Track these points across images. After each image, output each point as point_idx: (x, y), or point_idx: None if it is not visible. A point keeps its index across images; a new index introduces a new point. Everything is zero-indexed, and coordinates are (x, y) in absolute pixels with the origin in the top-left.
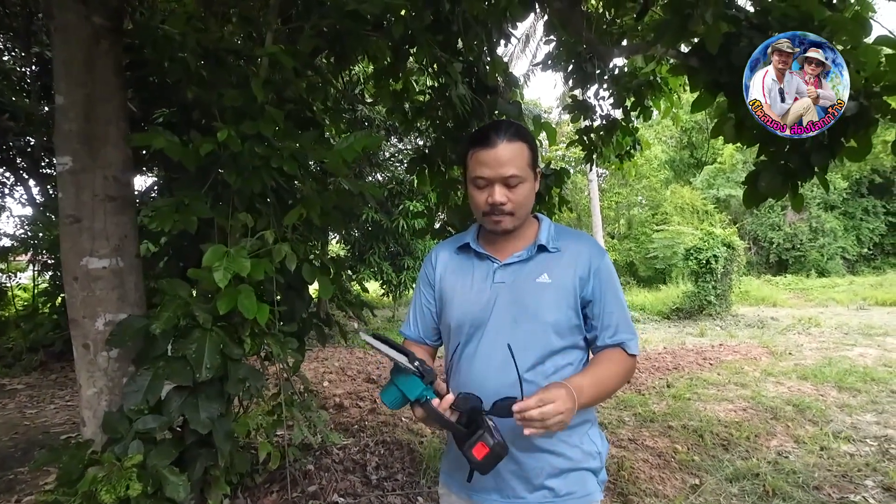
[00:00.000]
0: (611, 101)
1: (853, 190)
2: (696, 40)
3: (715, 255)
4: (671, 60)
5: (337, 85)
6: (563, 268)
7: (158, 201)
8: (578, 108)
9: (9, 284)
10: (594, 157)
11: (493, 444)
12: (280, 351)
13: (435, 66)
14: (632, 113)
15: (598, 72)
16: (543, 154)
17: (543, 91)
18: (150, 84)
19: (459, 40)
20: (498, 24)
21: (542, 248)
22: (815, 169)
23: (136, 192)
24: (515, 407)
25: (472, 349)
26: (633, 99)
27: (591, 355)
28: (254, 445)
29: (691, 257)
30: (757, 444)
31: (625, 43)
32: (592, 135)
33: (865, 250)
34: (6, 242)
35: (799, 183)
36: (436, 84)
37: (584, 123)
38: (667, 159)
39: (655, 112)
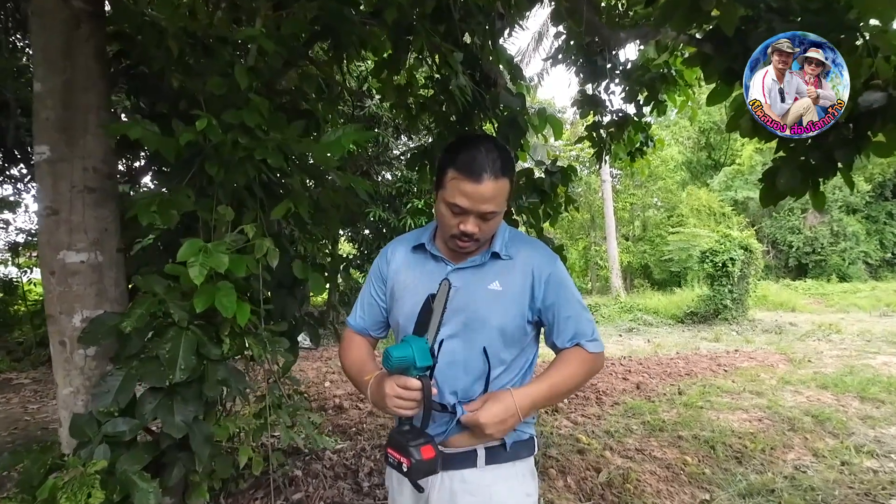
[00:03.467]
0: (622, 95)
1: (876, 193)
2: (709, 27)
3: (731, 258)
4: (685, 52)
5: (334, 75)
6: (514, 275)
7: (138, 194)
8: (588, 103)
9: (21, 280)
10: (604, 154)
11: (437, 454)
12: (262, 352)
13: (436, 57)
14: (645, 108)
15: (608, 66)
16: (551, 151)
17: (558, 90)
18: (137, 73)
19: (465, 32)
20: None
21: (495, 256)
22: (839, 165)
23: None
24: (466, 413)
25: None
26: (645, 93)
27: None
28: (238, 450)
29: (707, 260)
30: (773, 458)
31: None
32: (602, 131)
33: (889, 255)
34: (21, 238)
35: (821, 181)
36: (437, 76)
37: (594, 119)
38: (683, 160)
39: (671, 107)
